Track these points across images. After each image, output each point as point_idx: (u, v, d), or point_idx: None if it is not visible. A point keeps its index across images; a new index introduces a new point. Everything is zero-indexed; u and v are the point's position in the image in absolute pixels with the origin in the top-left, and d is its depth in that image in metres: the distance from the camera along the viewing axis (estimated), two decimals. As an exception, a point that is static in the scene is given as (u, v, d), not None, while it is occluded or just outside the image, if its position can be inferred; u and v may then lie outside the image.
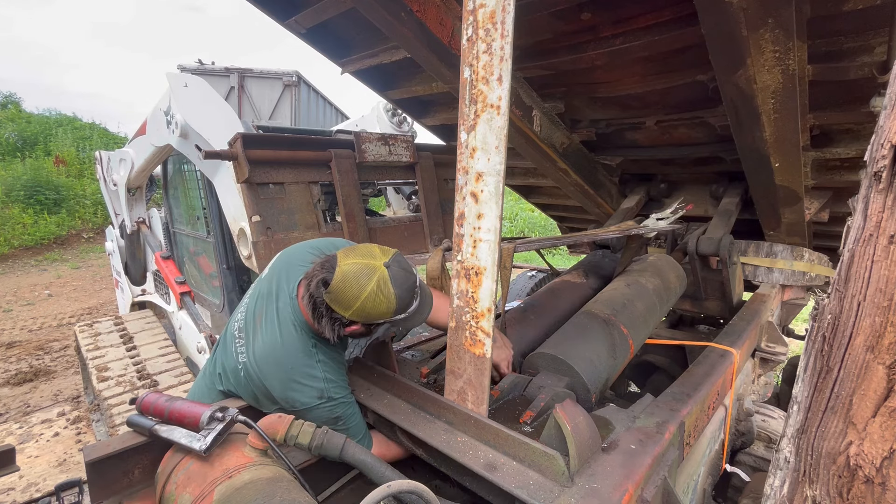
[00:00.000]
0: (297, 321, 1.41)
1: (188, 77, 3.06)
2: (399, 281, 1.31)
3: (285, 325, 1.41)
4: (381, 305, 1.29)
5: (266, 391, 1.39)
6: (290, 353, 1.38)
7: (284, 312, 1.42)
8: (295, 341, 1.39)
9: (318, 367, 1.39)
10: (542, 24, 2.03)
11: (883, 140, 0.66)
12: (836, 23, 1.60)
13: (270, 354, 1.39)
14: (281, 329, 1.40)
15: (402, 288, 1.31)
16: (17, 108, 16.95)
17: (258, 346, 1.40)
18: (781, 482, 0.90)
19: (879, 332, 0.70)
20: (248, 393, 1.44)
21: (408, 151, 3.26)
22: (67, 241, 12.21)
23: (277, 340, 1.39)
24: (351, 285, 1.27)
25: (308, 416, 1.33)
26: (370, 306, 1.28)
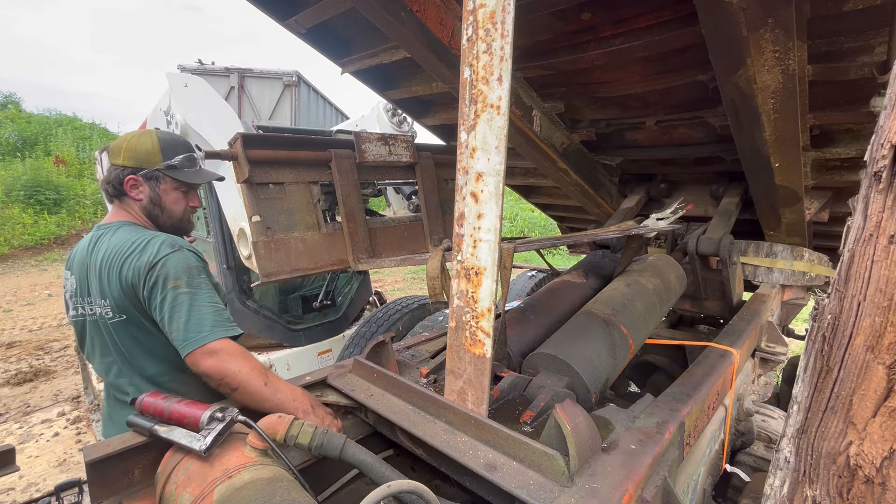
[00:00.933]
0: (114, 224, 1.49)
1: (188, 77, 3.06)
2: (165, 133, 1.53)
3: (108, 232, 1.47)
4: (144, 143, 1.47)
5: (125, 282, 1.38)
6: (124, 235, 1.44)
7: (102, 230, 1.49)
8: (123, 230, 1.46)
9: (158, 233, 1.46)
10: (542, 24, 2.03)
11: (883, 140, 0.66)
12: (836, 23, 1.60)
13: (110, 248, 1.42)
14: (108, 235, 1.46)
15: (168, 136, 1.52)
16: (17, 108, 16.96)
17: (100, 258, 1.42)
18: (781, 482, 0.90)
19: (879, 332, 0.70)
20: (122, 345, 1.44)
21: (408, 151, 3.26)
22: (67, 241, 12.22)
23: (106, 241, 1.44)
24: (120, 139, 1.52)
25: (167, 266, 1.35)
26: (134, 144, 1.47)
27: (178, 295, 1.35)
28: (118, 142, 1.50)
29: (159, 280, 1.35)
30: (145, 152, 1.46)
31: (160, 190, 1.52)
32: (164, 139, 1.50)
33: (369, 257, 2.97)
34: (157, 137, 1.49)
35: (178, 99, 2.94)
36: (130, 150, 1.46)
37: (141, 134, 1.50)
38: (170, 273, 1.36)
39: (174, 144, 1.52)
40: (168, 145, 1.50)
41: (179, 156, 1.51)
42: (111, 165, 1.49)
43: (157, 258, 1.37)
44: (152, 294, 1.37)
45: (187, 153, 1.53)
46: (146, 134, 1.50)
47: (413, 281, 10.18)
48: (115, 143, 1.50)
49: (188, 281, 1.37)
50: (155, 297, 1.36)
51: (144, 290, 1.38)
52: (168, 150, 1.49)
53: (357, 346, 3.39)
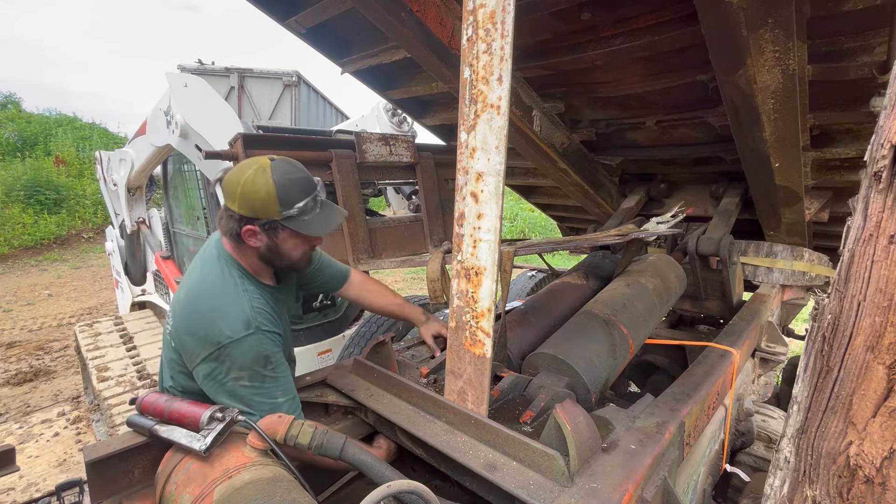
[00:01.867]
0: (222, 255, 1.40)
1: (188, 77, 3.06)
2: (282, 171, 1.31)
3: (208, 261, 1.40)
4: (260, 191, 1.28)
5: (189, 339, 1.30)
6: (212, 282, 1.35)
7: (207, 252, 1.42)
8: (218, 272, 1.37)
9: (245, 296, 1.34)
10: (542, 24, 2.03)
11: (883, 140, 0.66)
12: (836, 23, 1.60)
13: (193, 289, 1.35)
14: (203, 266, 1.39)
15: (284, 177, 1.30)
16: (17, 108, 16.95)
17: (181, 293, 1.36)
18: (781, 482, 0.90)
19: (879, 332, 0.70)
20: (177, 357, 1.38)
21: (408, 151, 3.25)
22: (67, 241, 12.22)
23: (198, 275, 1.37)
24: (233, 176, 1.32)
25: (236, 352, 1.26)
26: (249, 191, 1.28)
27: (237, 387, 1.28)
28: (232, 182, 1.31)
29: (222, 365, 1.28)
30: (261, 202, 1.29)
31: (278, 239, 1.37)
32: (280, 185, 1.29)
33: (369, 257, 2.97)
34: (273, 184, 1.28)
35: (178, 99, 2.94)
36: (245, 198, 1.29)
37: (255, 176, 1.28)
38: (234, 363, 1.27)
39: (292, 190, 1.32)
40: (285, 192, 1.30)
41: (299, 204, 1.32)
42: (225, 207, 1.35)
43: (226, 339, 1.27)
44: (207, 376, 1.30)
45: (307, 198, 1.34)
46: (261, 176, 1.28)
47: (413, 281, 10.18)
48: (229, 182, 1.32)
49: (251, 375, 1.29)
50: (208, 381, 1.30)
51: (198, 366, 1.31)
52: (285, 198, 1.30)
53: (357, 346, 3.38)
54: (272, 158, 1.34)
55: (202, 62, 7.87)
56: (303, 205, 1.33)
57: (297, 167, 1.37)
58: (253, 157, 1.36)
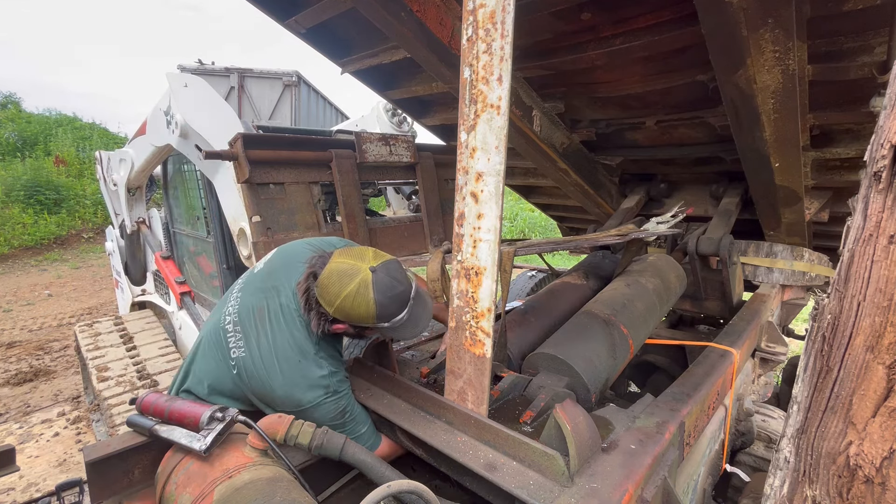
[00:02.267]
0: (302, 316, 1.42)
1: (188, 77, 3.06)
2: (382, 287, 1.32)
3: (290, 318, 1.41)
4: (359, 308, 1.31)
5: (266, 388, 1.36)
6: (297, 347, 1.38)
7: (289, 308, 1.42)
8: (302, 335, 1.40)
9: (324, 362, 1.39)
10: (542, 24, 2.03)
11: (883, 140, 0.66)
12: (836, 23, 1.60)
13: (278, 348, 1.37)
14: (286, 322, 1.40)
15: (384, 295, 1.32)
16: (17, 108, 16.95)
17: (263, 342, 1.39)
18: (781, 482, 0.90)
19: (879, 332, 0.70)
20: (237, 390, 1.41)
21: (408, 151, 3.26)
22: (67, 241, 12.21)
23: (285, 333, 1.39)
24: (334, 283, 1.31)
25: (315, 413, 1.33)
26: (349, 306, 1.31)
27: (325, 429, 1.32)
28: (331, 291, 1.31)
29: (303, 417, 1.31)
30: (358, 318, 1.33)
31: (364, 331, 1.44)
32: (380, 304, 1.31)
33: (369, 257, 2.96)
34: (373, 303, 1.30)
35: (178, 99, 2.94)
36: (343, 311, 1.31)
37: (357, 293, 1.29)
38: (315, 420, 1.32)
39: (390, 307, 1.34)
40: (384, 310, 1.33)
41: (394, 318, 1.35)
42: (317, 303, 1.35)
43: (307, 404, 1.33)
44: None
45: (402, 312, 1.36)
46: (363, 296, 1.29)
47: (413, 281, 10.16)
48: (327, 288, 1.31)
49: (333, 426, 1.34)
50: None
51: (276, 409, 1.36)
52: (383, 315, 1.33)
53: (357, 346, 3.38)
54: (373, 269, 1.33)
55: (202, 62, 7.87)
56: (397, 319, 1.36)
57: (397, 280, 1.36)
58: (351, 261, 1.34)
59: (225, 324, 1.46)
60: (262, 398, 1.39)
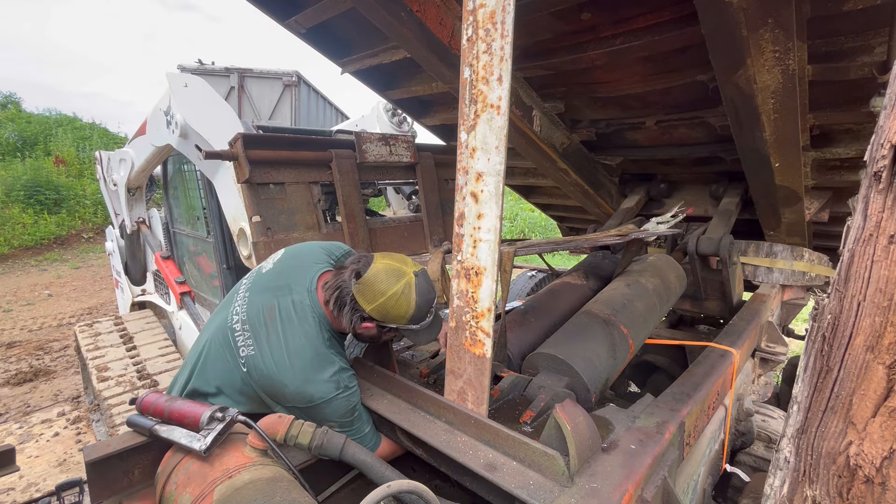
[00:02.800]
0: (316, 313, 1.43)
1: (188, 77, 3.06)
2: (422, 291, 1.42)
3: (304, 317, 1.42)
4: (401, 307, 1.39)
5: (277, 385, 1.36)
6: (310, 343, 1.40)
7: (302, 305, 1.43)
8: (314, 331, 1.41)
9: (335, 358, 1.41)
10: (542, 24, 2.03)
11: (883, 140, 0.66)
12: (836, 23, 1.60)
13: (290, 345, 1.38)
14: (299, 320, 1.42)
15: (423, 298, 1.42)
16: (17, 108, 16.94)
17: (274, 339, 1.39)
18: (781, 482, 0.90)
19: (879, 332, 0.70)
20: (248, 388, 1.41)
21: (408, 151, 3.26)
22: (67, 241, 12.21)
23: (297, 330, 1.40)
24: (381, 281, 1.39)
25: (326, 409, 1.34)
26: (392, 305, 1.38)
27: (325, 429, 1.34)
28: (377, 290, 1.37)
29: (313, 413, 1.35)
30: (397, 317, 1.40)
31: (384, 333, 1.50)
32: (419, 307, 1.40)
33: (369, 257, 2.96)
34: (413, 304, 1.39)
35: (178, 99, 2.94)
36: (385, 308, 1.38)
37: (402, 295, 1.38)
38: (325, 416, 1.35)
39: (423, 310, 1.43)
40: (419, 312, 1.42)
41: (422, 322, 1.45)
42: (353, 301, 1.39)
43: (318, 399, 1.35)
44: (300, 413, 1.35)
45: (430, 317, 1.46)
46: (407, 296, 1.38)
47: (413, 281, 10.17)
48: (372, 285, 1.38)
49: (341, 423, 1.37)
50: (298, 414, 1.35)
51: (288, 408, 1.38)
52: (416, 316, 1.42)
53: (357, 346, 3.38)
54: (416, 274, 1.43)
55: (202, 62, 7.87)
56: (424, 322, 1.46)
57: (431, 286, 1.47)
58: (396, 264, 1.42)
59: (232, 323, 1.46)
60: (272, 396, 1.38)
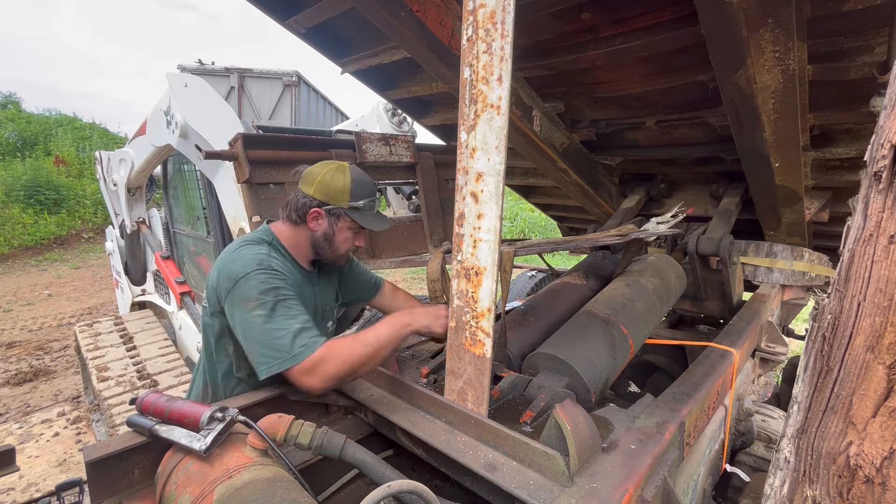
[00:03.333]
0: (262, 234, 1.57)
1: (188, 77, 3.06)
2: (356, 171, 1.57)
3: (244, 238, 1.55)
4: (337, 181, 1.52)
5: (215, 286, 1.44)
6: (244, 238, 1.53)
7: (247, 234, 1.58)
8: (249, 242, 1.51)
9: (264, 252, 1.47)
10: (542, 24, 2.03)
11: (883, 140, 0.66)
12: (836, 23, 1.60)
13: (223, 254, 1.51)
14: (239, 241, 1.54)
15: (358, 175, 1.56)
16: (17, 108, 16.95)
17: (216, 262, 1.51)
18: (781, 482, 0.90)
19: (879, 332, 0.70)
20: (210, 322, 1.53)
21: (408, 151, 3.26)
22: (67, 241, 12.22)
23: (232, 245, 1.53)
24: (316, 168, 1.56)
25: (247, 286, 1.36)
26: (329, 180, 1.52)
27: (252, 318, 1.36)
28: (313, 171, 1.54)
29: (238, 297, 1.38)
30: (336, 190, 1.52)
31: (336, 227, 1.57)
32: (355, 180, 1.54)
33: (369, 258, 2.97)
34: (349, 178, 1.53)
35: (178, 99, 2.94)
36: (323, 184, 1.51)
37: (336, 170, 1.53)
38: (247, 294, 1.37)
39: (362, 187, 1.55)
40: (357, 186, 1.54)
41: (364, 199, 1.55)
42: (299, 191, 1.55)
43: (239, 274, 1.39)
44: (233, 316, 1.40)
45: (371, 198, 1.57)
46: (340, 171, 1.53)
47: (413, 281, 10.18)
48: (310, 171, 1.55)
49: (262, 303, 1.36)
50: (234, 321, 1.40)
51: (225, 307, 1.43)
52: (357, 191, 1.53)
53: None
54: (350, 164, 1.59)
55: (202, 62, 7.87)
56: (366, 202, 1.56)
57: (366, 174, 1.61)
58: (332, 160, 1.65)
59: None
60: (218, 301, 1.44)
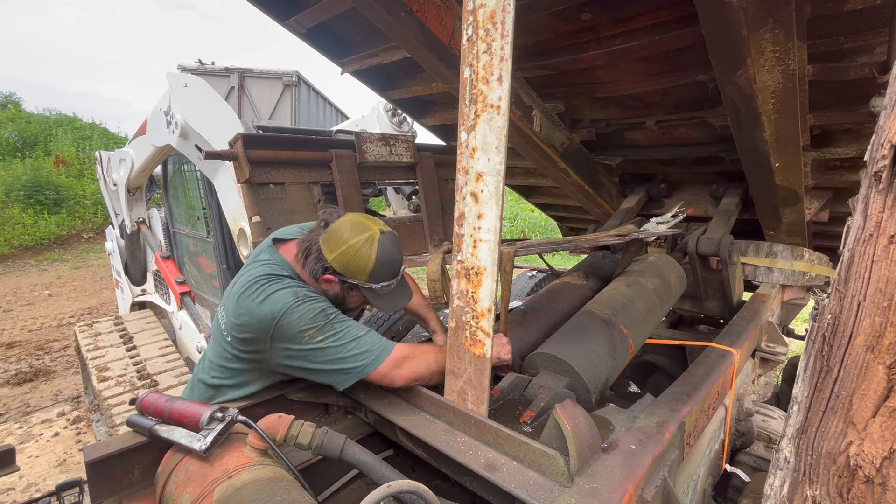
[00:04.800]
0: (278, 261, 1.48)
1: (188, 77, 3.06)
2: (385, 249, 1.43)
3: (262, 263, 1.47)
4: (361, 259, 1.41)
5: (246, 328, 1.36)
6: (262, 273, 1.42)
7: (263, 257, 1.49)
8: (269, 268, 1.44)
9: (286, 279, 1.42)
10: (542, 24, 2.03)
11: (883, 140, 0.66)
12: (836, 23, 1.60)
13: (245, 283, 1.41)
14: (257, 266, 1.46)
15: (385, 256, 1.43)
16: (17, 108, 16.93)
17: (234, 289, 1.43)
18: (781, 482, 0.90)
19: (879, 332, 0.70)
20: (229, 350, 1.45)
21: (408, 152, 3.26)
22: (67, 241, 12.21)
23: (253, 272, 1.44)
24: (345, 230, 1.42)
25: (294, 318, 1.31)
26: (351, 255, 1.40)
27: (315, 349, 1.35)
28: (340, 236, 1.41)
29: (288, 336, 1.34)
30: (356, 269, 1.41)
31: (348, 295, 1.50)
32: (379, 262, 1.42)
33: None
34: (374, 258, 1.41)
35: (178, 99, 2.94)
36: (344, 258, 1.40)
37: (363, 245, 1.40)
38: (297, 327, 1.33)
39: (385, 269, 1.44)
40: (380, 269, 1.43)
41: (383, 283, 1.46)
42: (318, 247, 1.44)
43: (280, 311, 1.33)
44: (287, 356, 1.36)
45: (392, 280, 1.48)
46: (367, 249, 1.40)
47: (413, 281, 10.17)
48: (336, 232, 1.42)
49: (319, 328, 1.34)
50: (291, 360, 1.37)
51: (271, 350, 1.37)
52: (378, 273, 1.43)
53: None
54: (383, 232, 1.45)
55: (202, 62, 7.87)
56: (385, 284, 1.47)
57: (397, 248, 1.49)
58: (365, 220, 1.46)
59: (219, 306, 1.54)
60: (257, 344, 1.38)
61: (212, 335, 1.57)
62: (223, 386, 1.49)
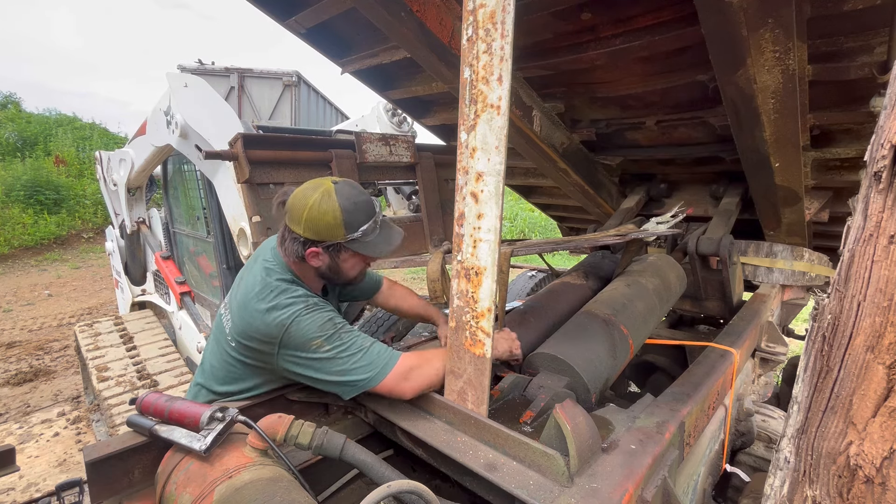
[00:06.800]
0: (278, 263, 1.46)
1: (188, 77, 3.06)
2: (345, 194, 1.37)
3: (265, 267, 1.45)
4: (327, 215, 1.34)
5: (251, 331, 1.36)
6: (262, 279, 1.40)
7: (264, 257, 1.48)
8: (274, 275, 1.42)
9: (292, 287, 1.40)
10: (542, 24, 2.03)
11: (883, 140, 0.66)
12: (836, 23, 1.60)
13: (250, 289, 1.39)
14: (261, 270, 1.44)
15: (348, 200, 1.36)
16: (17, 108, 16.94)
17: (239, 295, 1.42)
18: (781, 482, 0.90)
19: (879, 332, 0.70)
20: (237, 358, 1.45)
21: (408, 152, 3.26)
22: (67, 241, 12.21)
23: (257, 277, 1.42)
24: (299, 199, 1.37)
25: (303, 326, 1.31)
26: (316, 217, 1.34)
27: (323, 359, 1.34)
28: (297, 206, 1.36)
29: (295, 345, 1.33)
30: (327, 227, 1.35)
31: (340, 259, 1.44)
32: (346, 210, 1.35)
33: (369, 257, 2.96)
34: (339, 210, 1.34)
35: (178, 99, 2.94)
36: (311, 222, 1.34)
37: (321, 201, 1.33)
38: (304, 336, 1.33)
39: (356, 212, 1.37)
40: (350, 216, 1.36)
41: (362, 227, 1.39)
42: (287, 229, 1.40)
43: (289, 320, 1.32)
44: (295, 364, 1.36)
45: (369, 221, 1.40)
46: (327, 202, 1.34)
47: (413, 281, 10.18)
48: (293, 205, 1.37)
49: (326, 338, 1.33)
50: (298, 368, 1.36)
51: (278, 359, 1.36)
52: (351, 222, 1.36)
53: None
54: (335, 181, 1.39)
55: (202, 62, 7.87)
56: (366, 228, 1.40)
57: (358, 189, 1.42)
58: (315, 180, 1.41)
59: (222, 310, 1.52)
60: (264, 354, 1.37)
61: (212, 337, 1.57)
62: (228, 392, 1.49)
